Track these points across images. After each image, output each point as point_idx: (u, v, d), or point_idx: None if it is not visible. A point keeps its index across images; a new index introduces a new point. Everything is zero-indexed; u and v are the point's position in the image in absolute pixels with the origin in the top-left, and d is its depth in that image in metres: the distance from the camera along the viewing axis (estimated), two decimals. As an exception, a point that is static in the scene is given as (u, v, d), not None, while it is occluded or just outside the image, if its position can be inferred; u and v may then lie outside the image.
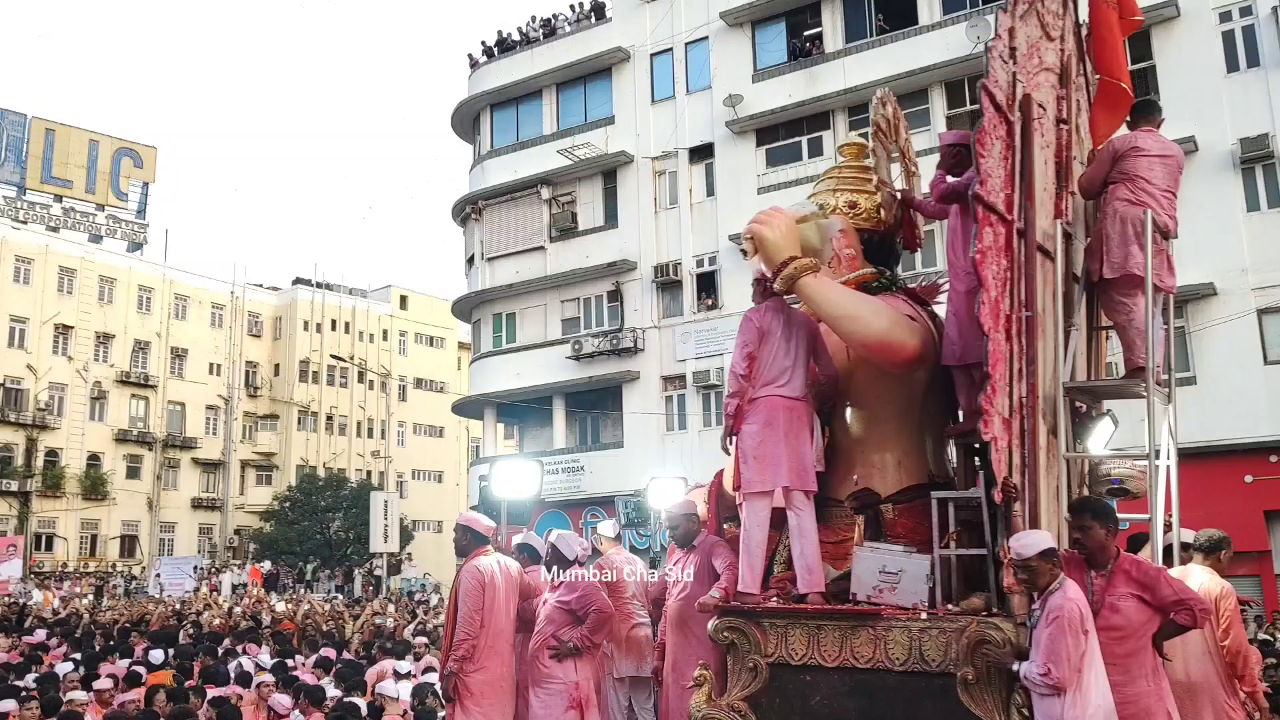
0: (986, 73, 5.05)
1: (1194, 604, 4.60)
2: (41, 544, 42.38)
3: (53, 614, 18.92)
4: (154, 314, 48.59)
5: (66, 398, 44.68)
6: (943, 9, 23.15)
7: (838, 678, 5.00)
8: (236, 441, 49.78)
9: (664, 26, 26.77)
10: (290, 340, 53.23)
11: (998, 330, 4.82)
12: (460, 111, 30.90)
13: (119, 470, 45.92)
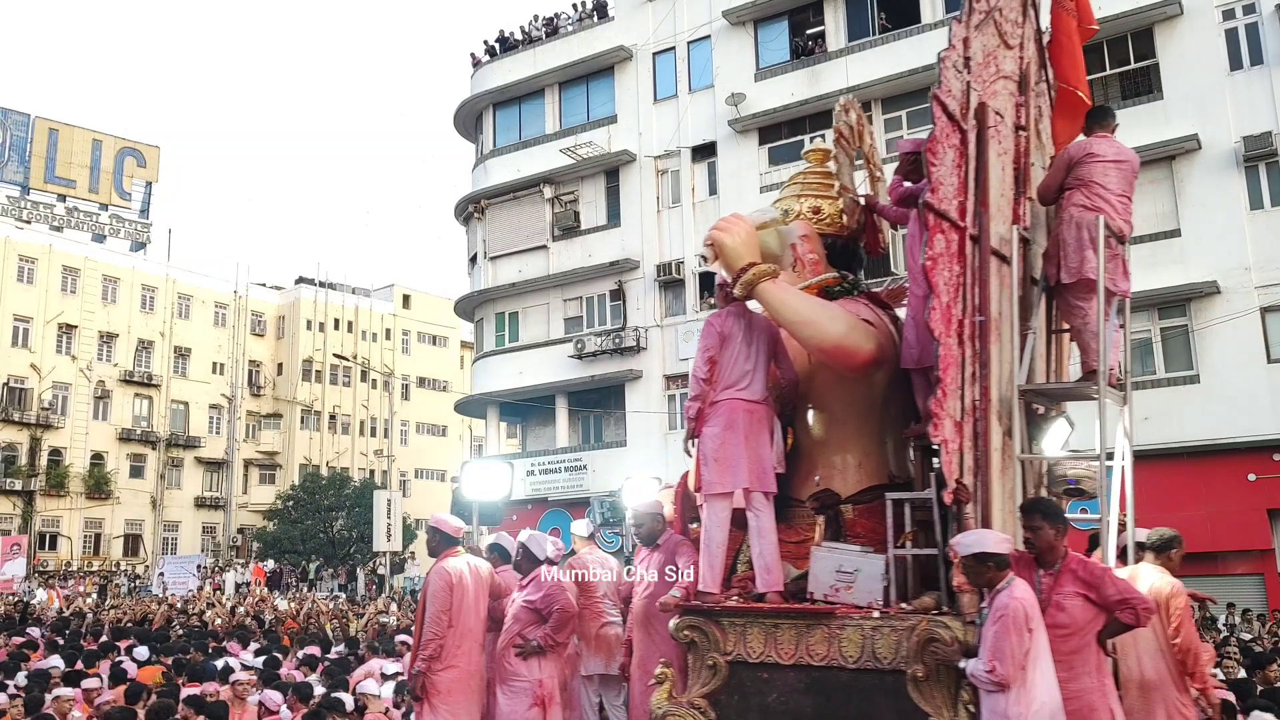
0: (939, 82, 5.12)
1: (1137, 603, 4.70)
2: (45, 543, 42.46)
3: (56, 613, 18.96)
4: (157, 313, 48.67)
5: (70, 397, 44.76)
6: (945, 7, 23.13)
7: (794, 675, 5.09)
8: (240, 440, 49.83)
9: (666, 25, 26.77)
10: (293, 339, 53.27)
11: (949, 335, 4.92)
12: (463, 110, 30.91)
13: (122, 469, 46.00)
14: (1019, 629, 4.36)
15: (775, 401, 5.71)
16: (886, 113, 23.69)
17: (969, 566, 4.59)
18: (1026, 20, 6.15)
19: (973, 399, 5.10)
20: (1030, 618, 4.42)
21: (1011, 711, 4.36)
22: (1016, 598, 4.43)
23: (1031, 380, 5.71)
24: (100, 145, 49.67)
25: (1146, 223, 20.55)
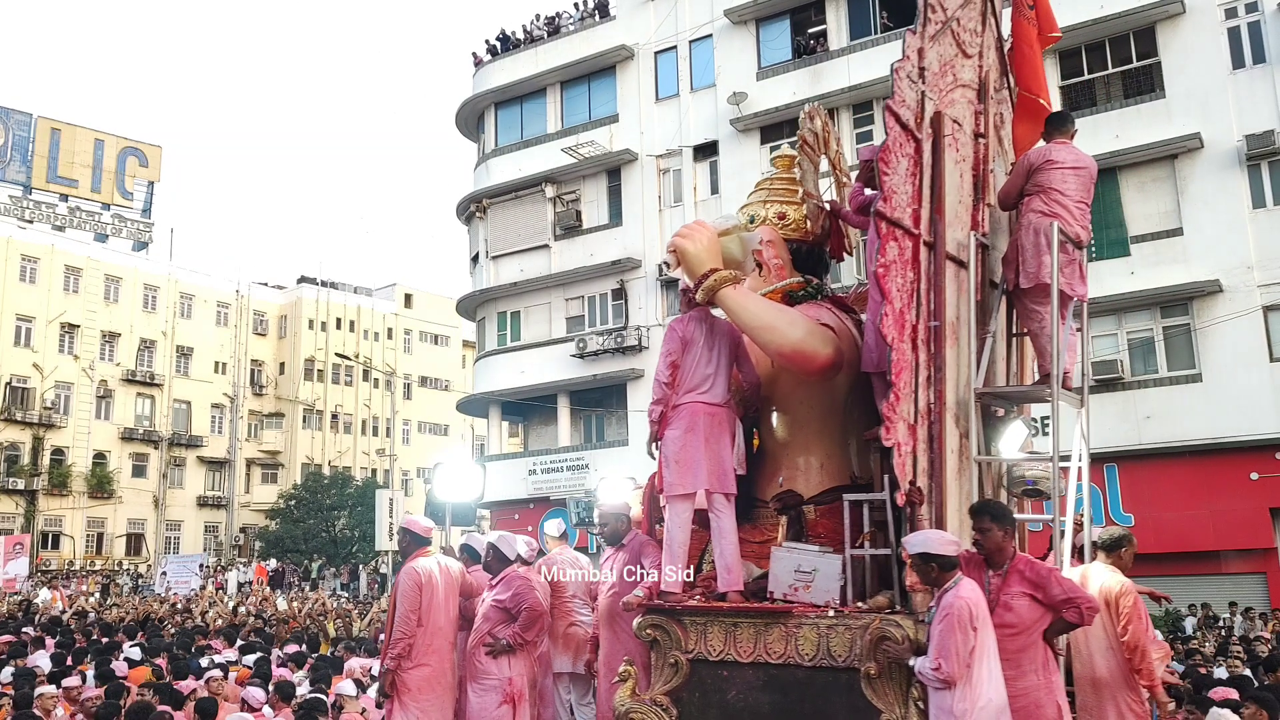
0: (892, 93, 5.21)
1: (1081, 602, 4.80)
2: (48, 542, 42.52)
3: (60, 612, 18.98)
4: (159, 313, 48.71)
5: (73, 396, 44.81)
6: (947, 6, 23.11)
7: (752, 672, 5.20)
8: (242, 440, 49.89)
9: (668, 24, 26.76)
10: (295, 339, 53.31)
11: (903, 340, 5.04)
12: (464, 110, 30.91)
13: (125, 469, 46.06)
14: (963, 628, 4.46)
15: (738, 404, 5.80)
16: (888, 111, 23.65)
17: (916, 566, 4.70)
18: (986, 29, 6.24)
19: (928, 402, 5.22)
20: (975, 617, 4.51)
21: (957, 708, 4.46)
22: (961, 597, 4.52)
23: (992, 383, 5.82)
24: (102, 145, 49.70)
25: (1149, 221, 20.55)
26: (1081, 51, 21.69)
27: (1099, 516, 20.32)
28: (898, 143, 5.17)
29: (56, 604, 21.23)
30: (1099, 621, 5.37)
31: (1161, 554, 19.49)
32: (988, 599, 4.75)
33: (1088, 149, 21.66)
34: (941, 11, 5.66)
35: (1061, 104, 21.69)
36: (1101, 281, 20.53)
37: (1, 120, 47.88)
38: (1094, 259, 20.77)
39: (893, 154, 5.14)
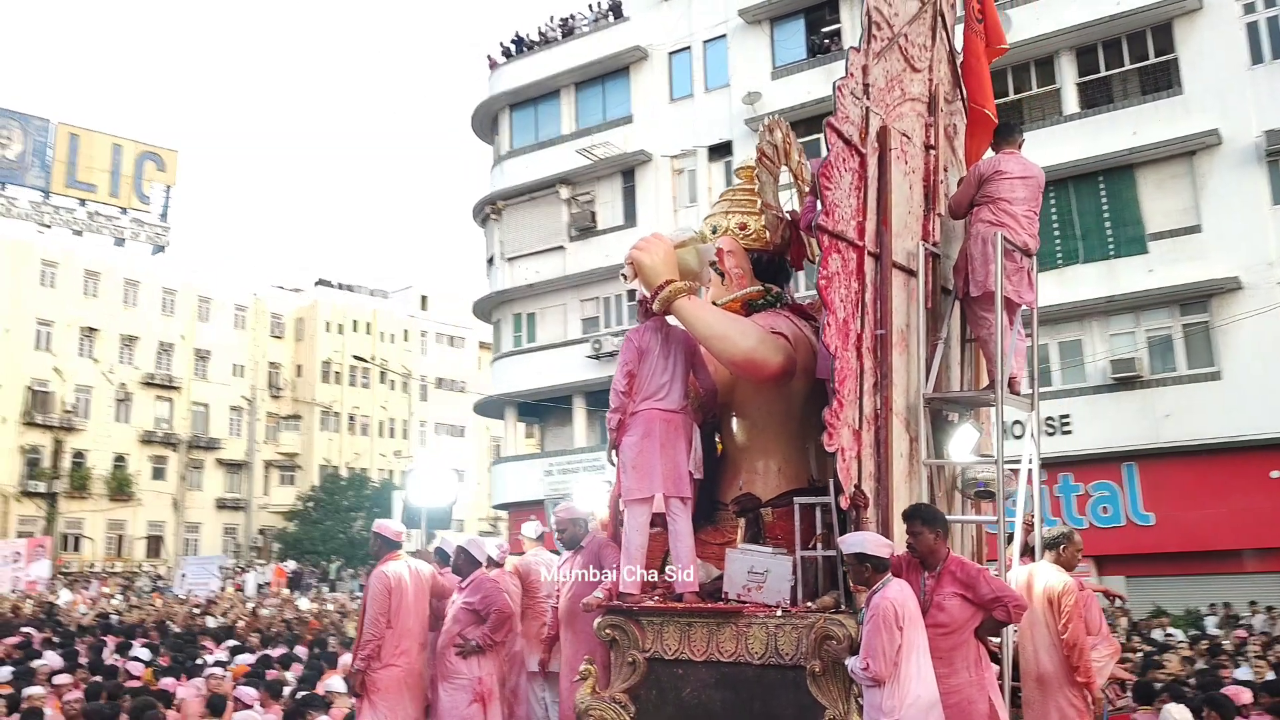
0: (834, 110, 5.33)
1: (1009, 601, 4.94)
2: (69, 544, 42.85)
3: (81, 614, 19.13)
4: (177, 316, 49.02)
5: (92, 400, 45.15)
6: (962, 3, 22.99)
7: (705, 671, 5.37)
8: (260, 442, 50.15)
9: (682, 25, 26.75)
10: (312, 341, 53.56)
11: (846, 349, 5.21)
12: (479, 112, 30.97)
13: (144, 471, 46.37)
14: (888, 627, 4.61)
15: (696, 411, 5.95)
16: (903, 110, 23.59)
17: (850, 566, 4.88)
18: (936, 43, 6.37)
19: (874, 408, 5.38)
20: (900, 616, 4.65)
21: (886, 705, 4.61)
22: (887, 598, 4.68)
23: (946, 388, 6.00)
24: (120, 150, 50.06)
25: (1167, 219, 20.42)
26: (1098, 48, 21.57)
27: (1118, 515, 20.27)
28: (840, 158, 5.32)
29: (79, 606, 21.40)
30: (1042, 619, 5.58)
31: (1182, 553, 19.38)
32: (922, 600, 4.91)
33: (1105, 146, 21.50)
34: (888, 28, 5.83)
35: (1078, 103, 21.61)
36: (1119, 279, 20.44)
37: (21, 126, 48.28)
38: (1112, 257, 20.67)
39: (835, 169, 5.29)
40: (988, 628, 5.04)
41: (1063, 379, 21.11)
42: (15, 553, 29.75)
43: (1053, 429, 20.70)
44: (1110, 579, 20.35)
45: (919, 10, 6.22)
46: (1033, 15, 21.65)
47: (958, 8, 6.88)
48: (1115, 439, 20.08)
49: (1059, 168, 21.15)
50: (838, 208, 5.28)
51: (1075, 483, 20.67)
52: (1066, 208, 21.31)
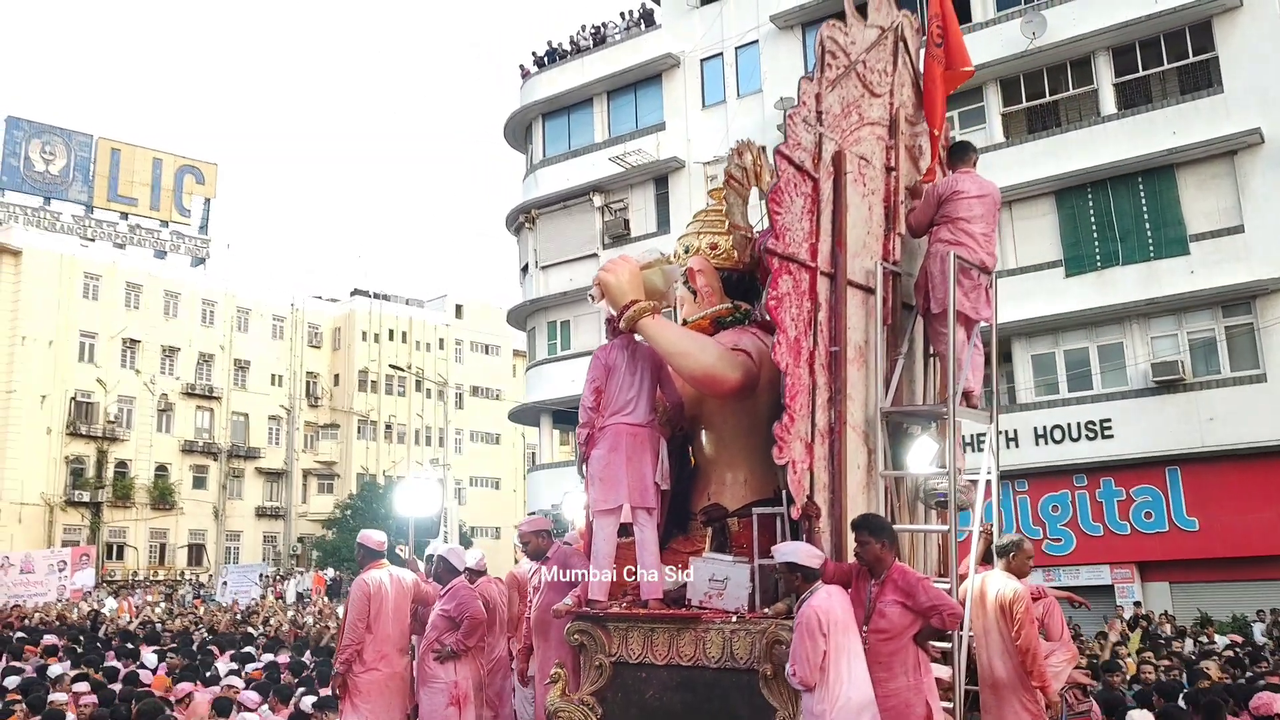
0: (785, 137, 5.54)
1: (944, 609, 5.10)
2: (112, 553, 43.46)
3: (126, 622, 19.39)
4: (217, 327, 49.62)
5: (135, 410, 45.79)
6: (996, 6, 22.83)
7: (666, 674, 5.62)
8: (298, 451, 50.64)
9: (713, 31, 26.74)
10: (349, 350, 54.02)
11: (798, 366, 5.43)
12: (512, 121, 31.13)
13: (186, 480, 46.95)
14: (812, 635, 4.82)
15: (664, 424, 6.18)
16: (938, 113, 23.42)
17: (782, 574, 5.11)
18: (898, 68, 6.59)
19: (828, 422, 5.60)
20: (824, 623, 4.84)
21: (816, 709, 4.83)
22: (811, 606, 4.90)
23: (910, 401, 6.23)
24: (160, 163, 50.87)
25: (1209, 219, 20.12)
26: (1135, 48, 21.32)
27: (1162, 520, 19.97)
28: (791, 183, 5.53)
29: (124, 614, 21.70)
30: (996, 626, 5.75)
31: (1228, 559, 19.05)
32: (867, 606, 5.13)
33: (1144, 147, 21.29)
34: (845, 56, 6.06)
35: (1116, 103, 21.37)
36: (1160, 281, 20.17)
37: (64, 141, 49.20)
38: (1153, 258, 20.39)
39: (785, 194, 5.49)
40: (926, 634, 5.18)
41: (1103, 382, 20.86)
42: (61, 561, 30.22)
43: (1093, 433, 20.45)
44: (1154, 585, 20.07)
45: (879, 37, 6.44)
46: (1069, 16, 21.45)
47: (925, 31, 7.02)
48: (1158, 443, 19.80)
49: (1096, 169, 20.94)
50: (788, 231, 5.49)
51: (1117, 487, 20.41)
52: (1105, 209, 21.07)
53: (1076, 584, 20.67)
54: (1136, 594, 19.73)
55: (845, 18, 6.22)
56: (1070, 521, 20.80)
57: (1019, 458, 21.21)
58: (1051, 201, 21.78)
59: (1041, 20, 21.48)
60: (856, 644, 4.94)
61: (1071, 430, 20.70)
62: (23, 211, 46.94)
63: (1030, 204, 22.03)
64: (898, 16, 6.68)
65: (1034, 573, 6.41)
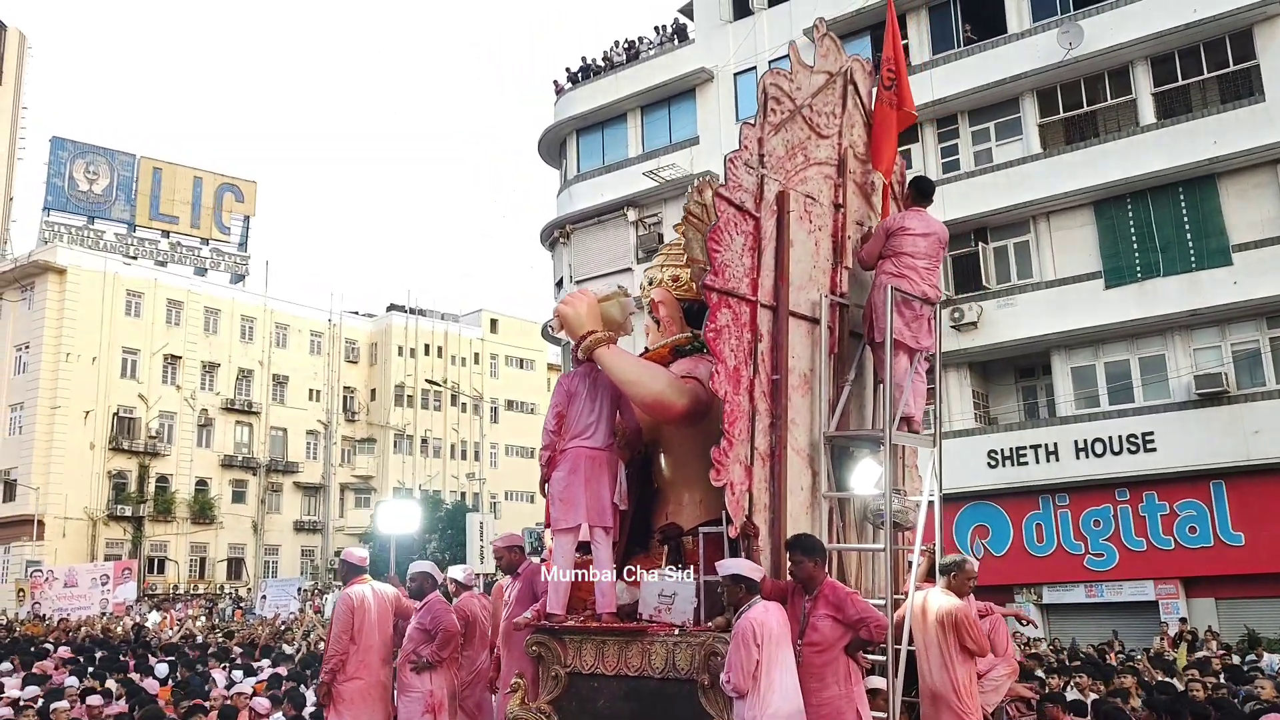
0: (725, 180, 5.95)
1: (871, 622, 5.40)
2: (154, 567, 43.97)
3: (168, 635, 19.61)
4: (256, 343, 50.19)
5: (175, 425, 46.38)
6: (1032, 16, 22.71)
7: (616, 684, 5.94)
8: (336, 465, 51.02)
9: (746, 46, 26.78)
10: (385, 365, 54.44)
11: (738, 394, 5.77)
12: (547, 137, 31.31)
13: (225, 495, 47.45)
14: (746, 645, 5.12)
15: (623, 448, 6.54)
16: (973, 125, 23.31)
17: (726, 587, 5.43)
18: (848, 109, 6.97)
19: (769, 446, 5.92)
20: (758, 634, 5.14)
21: (747, 715, 5.12)
22: (748, 618, 5.20)
23: (860, 426, 6.57)
24: (201, 182, 51.64)
25: (1252, 229, 19.85)
26: (1174, 57, 21.11)
27: (1207, 535, 19.64)
28: (731, 223, 5.90)
29: (166, 628, 21.94)
30: (935, 639, 6.00)
31: (1276, 574, 18.69)
32: (802, 621, 5.44)
33: (1184, 156, 21.13)
34: (790, 102, 6.44)
35: (1155, 113, 21.16)
36: (1202, 292, 19.90)
37: (107, 161, 50.09)
38: (1194, 269, 20.13)
39: (724, 233, 5.86)
40: (855, 645, 5.47)
41: (1145, 395, 20.59)
42: (103, 575, 30.61)
43: (1135, 446, 20.18)
44: (1199, 601, 19.74)
45: (827, 81, 6.82)
46: (1106, 26, 21.28)
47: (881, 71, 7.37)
48: (1202, 456, 19.51)
49: (1135, 180, 20.72)
50: (728, 267, 5.86)
51: (1160, 501, 20.11)
52: (1145, 220, 20.84)
53: (1119, 600, 20.42)
54: (1181, 610, 19.41)
55: (790, 65, 6.60)
56: (1112, 536, 20.51)
57: (1059, 471, 20.97)
58: (1090, 212, 21.57)
59: (1078, 30, 21.32)
60: (789, 657, 5.24)
61: (1113, 443, 20.43)
62: (67, 230, 47.81)
63: (1068, 215, 21.85)
64: (846, 61, 7.07)
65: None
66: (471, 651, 7.79)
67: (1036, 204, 21.83)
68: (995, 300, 22.13)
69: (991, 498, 21.74)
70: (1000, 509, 21.69)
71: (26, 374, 43.44)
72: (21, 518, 41.05)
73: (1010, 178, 22.25)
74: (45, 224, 48.20)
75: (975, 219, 22.53)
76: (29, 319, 43.92)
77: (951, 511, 22.19)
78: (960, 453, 22.00)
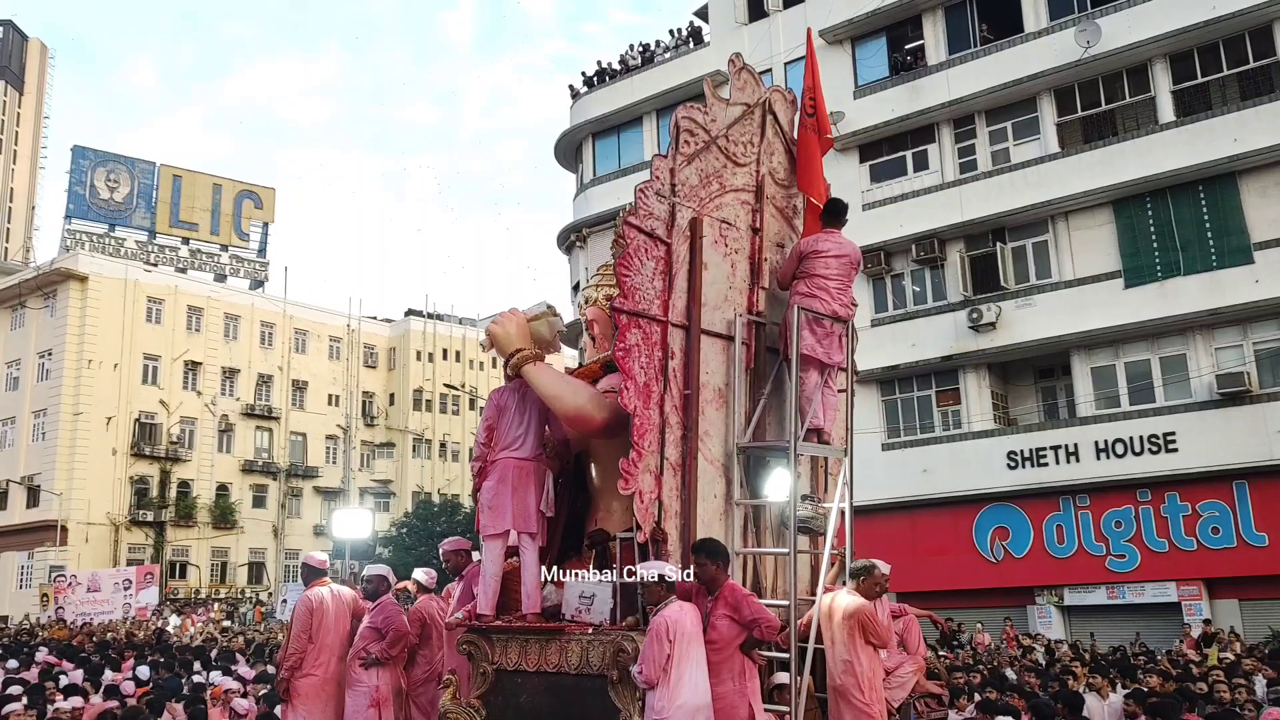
0: (635, 209, 6.23)
1: (764, 622, 5.73)
2: (176, 572, 44.25)
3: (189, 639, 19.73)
4: (275, 348, 50.45)
5: (196, 431, 46.66)
6: (1049, 15, 22.61)
7: (537, 679, 6.30)
8: (355, 469, 51.21)
9: (762, 48, 26.76)
10: (404, 370, 54.64)
11: (648, 408, 6.12)
12: (563, 141, 31.38)
13: (246, 499, 47.70)
14: (659, 639, 5.48)
15: (553, 458, 6.91)
16: (990, 125, 23.23)
17: (648, 587, 5.75)
18: (765, 138, 7.30)
19: (680, 456, 6.26)
20: (670, 631, 5.49)
21: (657, 705, 5.47)
22: (662, 615, 5.56)
23: (776, 437, 6.83)
24: (220, 189, 52.01)
25: (1272, 227, 19.70)
26: (1193, 54, 20.98)
27: (1230, 536, 19.48)
28: (641, 249, 6.23)
29: (187, 631, 22.08)
30: (840, 638, 6.33)
31: (1300, 575, 18.53)
32: (705, 621, 5.75)
33: (1204, 154, 20.99)
34: (704, 133, 6.79)
35: (1174, 111, 21.03)
36: (1223, 291, 19.75)
37: (128, 169, 50.54)
38: (1215, 268, 19.98)
39: (634, 259, 6.19)
40: (750, 644, 5.80)
41: (1165, 395, 20.45)
42: (126, 580, 30.80)
43: (1157, 447, 20.04)
44: (1222, 603, 19.57)
45: (744, 113, 7.14)
46: (1124, 24, 21.17)
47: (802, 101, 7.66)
48: (1224, 456, 19.35)
49: (1155, 178, 20.60)
50: (637, 291, 6.18)
51: (1182, 502, 19.96)
52: (1165, 219, 20.71)
53: (1141, 601, 20.27)
54: (1204, 611, 19.25)
55: (705, 99, 6.89)
56: (1134, 537, 20.37)
57: (1079, 472, 20.85)
58: (1109, 212, 21.45)
59: (1096, 28, 21.22)
60: (700, 654, 5.60)
61: (1134, 444, 20.29)
62: (89, 238, 48.24)
63: (1087, 214, 21.73)
64: (764, 92, 7.37)
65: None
66: (428, 650, 8.11)
67: (1055, 204, 21.73)
68: (1014, 300, 22.03)
69: (1011, 499, 21.63)
70: (1020, 510, 21.58)
71: (49, 381, 43.81)
72: (45, 523, 41.39)
73: (1028, 177, 22.16)
74: (67, 232, 48.66)
75: (993, 219, 22.44)
76: (52, 326, 44.31)
77: (971, 513, 22.15)
78: (979, 454, 21.93)
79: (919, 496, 22.40)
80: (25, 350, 45.26)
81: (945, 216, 22.96)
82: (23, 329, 45.80)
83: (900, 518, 22.57)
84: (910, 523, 22.46)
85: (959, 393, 22.79)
